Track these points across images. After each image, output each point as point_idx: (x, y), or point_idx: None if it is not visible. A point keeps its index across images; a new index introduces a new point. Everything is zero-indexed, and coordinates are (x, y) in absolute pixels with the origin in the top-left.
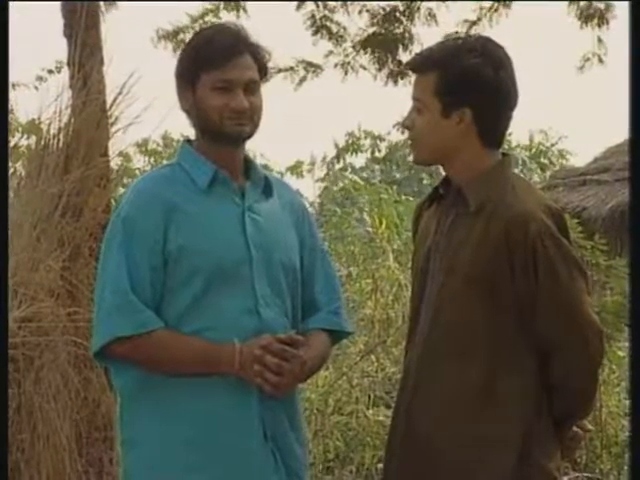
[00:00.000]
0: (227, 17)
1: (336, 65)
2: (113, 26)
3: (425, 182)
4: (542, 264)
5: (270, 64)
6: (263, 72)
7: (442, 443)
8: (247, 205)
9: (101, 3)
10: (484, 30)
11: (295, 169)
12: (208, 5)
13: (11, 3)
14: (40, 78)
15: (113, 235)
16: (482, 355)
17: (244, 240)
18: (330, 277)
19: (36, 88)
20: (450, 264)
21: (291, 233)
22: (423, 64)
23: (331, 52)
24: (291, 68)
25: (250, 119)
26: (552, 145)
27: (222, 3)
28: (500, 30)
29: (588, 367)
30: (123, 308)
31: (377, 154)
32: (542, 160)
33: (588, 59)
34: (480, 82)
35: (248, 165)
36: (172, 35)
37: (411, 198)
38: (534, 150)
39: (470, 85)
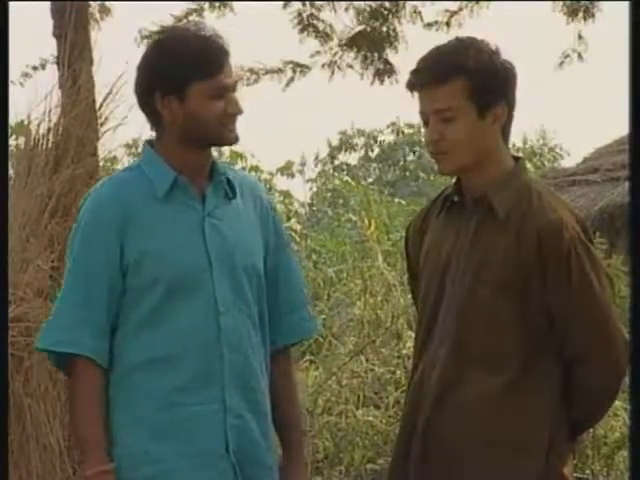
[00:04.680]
0: (211, 17)
1: (323, 65)
2: (103, 26)
3: (422, 181)
4: (576, 273)
5: (258, 65)
6: None
7: (467, 444)
8: (207, 211)
9: (94, 7)
10: (464, 20)
11: (286, 169)
12: (192, 5)
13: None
14: (25, 75)
15: (72, 244)
16: (510, 360)
17: (204, 247)
18: (296, 276)
19: (21, 84)
20: (477, 270)
21: (256, 235)
22: (444, 73)
23: (318, 52)
24: (279, 70)
25: (237, 122)
26: (550, 149)
27: (207, 3)
28: (481, 23)
29: (616, 375)
30: (67, 323)
31: (370, 153)
32: (535, 161)
33: (568, 55)
34: (506, 76)
35: (212, 167)
36: (155, 35)
37: (403, 202)
38: (528, 151)
39: (500, 82)
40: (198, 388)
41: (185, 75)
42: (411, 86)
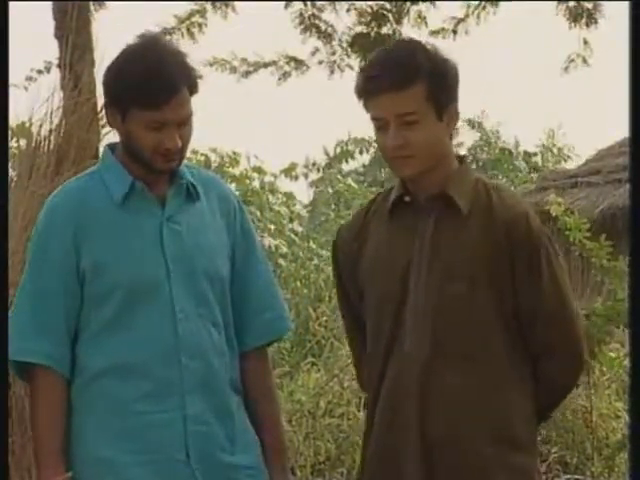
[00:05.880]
0: (214, 18)
1: (321, 62)
2: (104, 27)
3: None
4: (544, 263)
5: (255, 59)
6: (195, 92)
7: (463, 444)
8: (167, 215)
9: (91, 4)
10: (471, 27)
11: (289, 171)
12: (194, 6)
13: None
14: (30, 78)
15: (28, 254)
16: (493, 356)
17: (161, 253)
18: (266, 276)
19: (25, 88)
20: (446, 267)
21: (220, 238)
22: (406, 77)
23: (317, 50)
24: (274, 62)
25: (180, 153)
26: (559, 150)
27: (209, 3)
28: (487, 29)
29: (580, 366)
30: (20, 334)
31: (364, 158)
32: (534, 160)
33: (572, 60)
34: (455, 76)
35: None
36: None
37: None
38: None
39: (452, 82)
40: (158, 396)
41: (125, 100)
42: (368, 92)
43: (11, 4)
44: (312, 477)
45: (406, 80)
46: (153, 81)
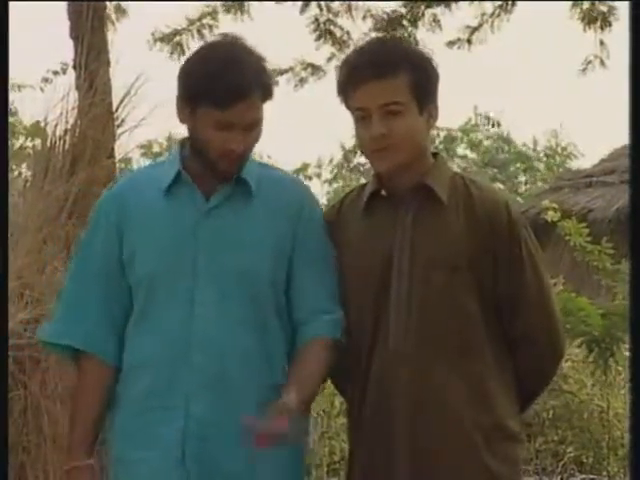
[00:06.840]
0: (225, 20)
1: (337, 67)
2: (119, 28)
3: None
4: (526, 255)
5: (272, 67)
6: (269, 97)
7: (454, 444)
8: (209, 207)
9: (110, 8)
10: (486, 35)
11: (302, 171)
12: (206, 8)
13: (17, 5)
14: (46, 80)
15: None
16: (479, 348)
17: (193, 246)
18: (326, 281)
19: (41, 89)
20: (428, 259)
21: (271, 238)
22: (394, 66)
23: (334, 55)
24: (291, 69)
25: (243, 158)
26: (563, 149)
27: (220, 5)
28: (502, 35)
29: (560, 353)
30: (62, 318)
31: None
32: (549, 160)
33: (590, 62)
34: (437, 76)
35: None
36: (168, 38)
37: None
38: (539, 151)
39: (434, 79)
40: (163, 393)
41: (195, 98)
42: (351, 83)
43: (27, 5)
44: (327, 476)
45: (390, 68)
46: (225, 81)
